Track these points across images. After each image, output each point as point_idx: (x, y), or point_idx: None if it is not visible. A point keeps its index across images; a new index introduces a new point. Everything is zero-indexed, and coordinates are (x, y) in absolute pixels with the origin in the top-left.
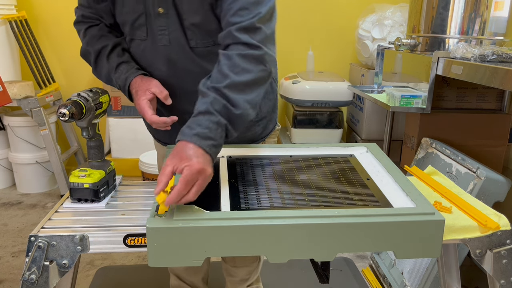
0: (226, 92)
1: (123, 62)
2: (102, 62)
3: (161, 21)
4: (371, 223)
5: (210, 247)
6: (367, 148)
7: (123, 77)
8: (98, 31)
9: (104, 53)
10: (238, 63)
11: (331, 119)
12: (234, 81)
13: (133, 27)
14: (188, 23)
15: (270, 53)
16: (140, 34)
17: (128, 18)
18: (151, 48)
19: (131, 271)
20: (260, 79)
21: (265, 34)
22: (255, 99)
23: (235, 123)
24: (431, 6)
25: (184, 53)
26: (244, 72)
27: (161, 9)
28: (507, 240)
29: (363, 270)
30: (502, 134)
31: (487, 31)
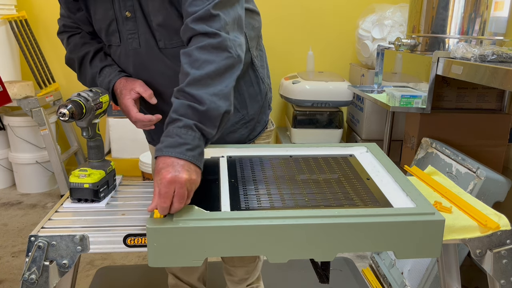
0: (188, 90)
1: (106, 66)
2: (86, 68)
3: (130, 25)
4: (371, 223)
5: (210, 247)
6: (367, 148)
7: (106, 80)
8: (80, 39)
9: (87, 59)
10: (198, 57)
11: (331, 119)
12: (194, 76)
13: (107, 34)
14: (155, 24)
15: (232, 38)
16: (115, 40)
17: (102, 25)
18: (125, 53)
19: (131, 271)
20: (225, 67)
21: (225, 20)
22: (224, 90)
23: (206, 119)
24: (431, 6)
25: (154, 55)
26: (206, 64)
27: (128, 13)
28: (507, 240)
29: (363, 270)
30: (502, 134)
31: (487, 31)
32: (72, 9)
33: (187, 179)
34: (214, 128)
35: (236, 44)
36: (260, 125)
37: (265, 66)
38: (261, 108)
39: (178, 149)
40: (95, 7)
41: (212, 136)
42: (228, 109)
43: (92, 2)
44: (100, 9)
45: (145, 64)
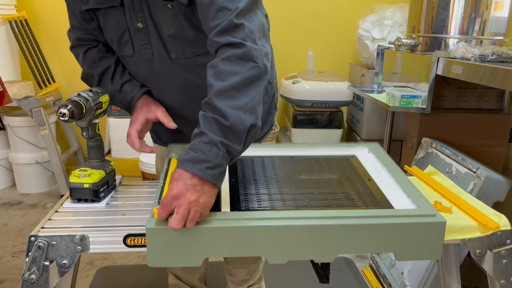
0: (213, 102)
1: (125, 82)
2: (106, 85)
3: (142, 36)
4: (372, 225)
5: (209, 248)
6: (369, 149)
7: (128, 97)
8: (98, 53)
9: (108, 75)
10: (223, 69)
11: (331, 119)
12: (219, 88)
13: (120, 44)
14: (166, 35)
15: (259, 47)
16: (127, 50)
17: (114, 36)
18: (138, 63)
19: (131, 271)
20: (251, 78)
21: (249, 29)
22: (250, 103)
23: (232, 134)
24: (431, 6)
25: (167, 66)
26: (231, 75)
27: (140, 24)
28: (507, 240)
29: (363, 270)
30: (502, 134)
31: (487, 31)
32: (86, 18)
33: (192, 201)
34: (240, 143)
35: (262, 53)
36: (267, 126)
37: (273, 66)
38: (268, 109)
39: (198, 165)
40: (105, 18)
41: (238, 153)
42: (254, 122)
43: (103, 13)
44: (112, 20)
45: (158, 75)
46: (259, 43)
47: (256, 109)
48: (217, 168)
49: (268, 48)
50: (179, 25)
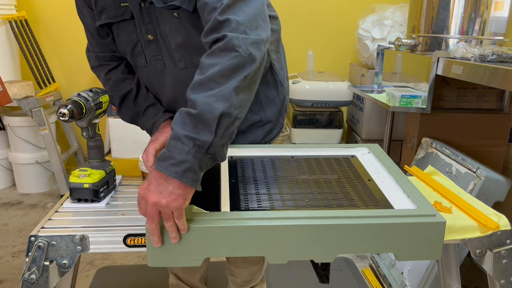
0: (188, 96)
1: (149, 105)
2: (128, 107)
3: (153, 47)
4: (372, 225)
5: (209, 247)
6: (369, 149)
7: (150, 121)
8: (121, 74)
9: (130, 98)
10: (204, 63)
11: (331, 119)
12: (196, 81)
13: (133, 56)
14: (174, 45)
15: (243, 36)
16: (140, 61)
17: (127, 48)
18: (152, 74)
19: (131, 271)
20: (232, 68)
21: (236, 21)
22: (224, 90)
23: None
24: (431, 6)
25: (176, 76)
26: (209, 67)
27: (150, 36)
28: (507, 240)
29: (363, 270)
30: (502, 134)
31: (487, 31)
32: (101, 34)
33: (154, 202)
34: (210, 134)
35: (248, 42)
36: (277, 128)
37: (284, 68)
38: (279, 111)
39: (163, 163)
40: (118, 31)
41: (208, 144)
42: (226, 111)
43: (116, 26)
44: (124, 32)
45: (169, 85)
46: (253, 33)
47: (230, 96)
48: (181, 165)
49: (262, 35)
50: (186, 33)
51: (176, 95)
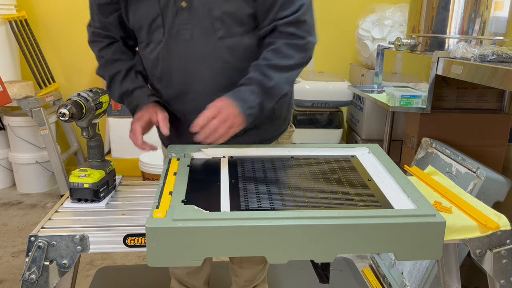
0: (264, 69)
1: (137, 87)
2: (115, 87)
3: (184, 15)
4: (372, 225)
5: (209, 247)
6: (369, 149)
7: (134, 103)
8: (112, 55)
9: (118, 79)
10: (282, 50)
11: (331, 119)
12: (274, 63)
13: (149, 31)
14: (219, 12)
15: (314, 41)
16: (158, 35)
17: (144, 23)
18: (169, 48)
19: (131, 271)
20: (299, 64)
21: (310, 24)
22: (290, 77)
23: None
24: (431, 6)
25: (209, 46)
26: (287, 58)
27: (184, 3)
28: (507, 240)
29: (363, 270)
30: (502, 134)
31: (487, 31)
32: (104, 12)
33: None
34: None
35: (313, 47)
36: (285, 124)
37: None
38: (288, 107)
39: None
40: (136, 6)
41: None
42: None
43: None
44: (143, 6)
45: (194, 57)
46: (315, 36)
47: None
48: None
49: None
50: (237, 3)
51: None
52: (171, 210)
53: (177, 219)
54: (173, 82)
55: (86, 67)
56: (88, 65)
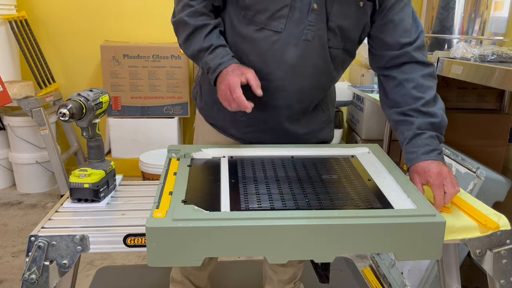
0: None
1: (221, 45)
2: (197, 39)
3: (313, 16)
4: (372, 225)
5: (209, 247)
6: (369, 149)
7: (217, 61)
8: (202, 8)
9: (204, 31)
10: (422, 83)
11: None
12: (426, 99)
13: (271, 17)
14: (334, 24)
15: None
16: (277, 25)
17: (270, 7)
18: (285, 42)
19: (131, 271)
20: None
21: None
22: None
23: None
24: (431, 6)
25: (321, 51)
26: (429, 89)
27: (316, 5)
28: (507, 240)
29: (363, 270)
30: (502, 134)
31: (487, 31)
32: None
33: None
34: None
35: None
36: (333, 128)
37: None
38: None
39: (432, 154)
40: None
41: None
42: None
43: None
44: None
45: (307, 56)
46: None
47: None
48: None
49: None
50: (354, 21)
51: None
52: (171, 210)
53: (177, 219)
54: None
55: (86, 67)
56: (87, 65)
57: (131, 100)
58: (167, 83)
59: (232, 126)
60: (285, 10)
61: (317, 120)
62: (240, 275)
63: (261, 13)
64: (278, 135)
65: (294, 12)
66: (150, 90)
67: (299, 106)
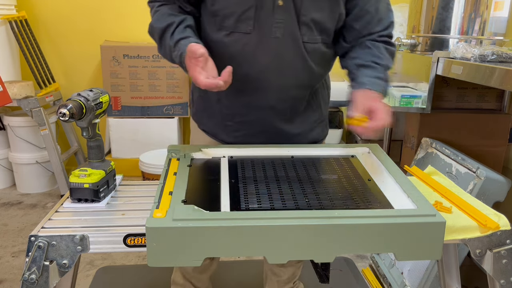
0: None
1: (181, 38)
2: (166, 40)
3: (279, 14)
4: (372, 225)
5: (209, 247)
6: (369, 149)
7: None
8: (168, 10)
9: (169, 31)
10: (384, 53)
11: (331, 119)
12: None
13: (238, 20)
14: (307, 18)
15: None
16: (245, 27)
17: (235, 10)
18: (256, 42)
19: (131, 271)
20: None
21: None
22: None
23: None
24: (431, 6)
25: (294, 47)
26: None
27: (281, 1)
28: (507, 240)
29: (363, 270)
30: (502, 134)
31: (487, 31)
32: None
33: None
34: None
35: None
36: (327, 127)
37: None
38: (328, 110)
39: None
40: None
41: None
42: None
43: None
44: None
45: (281, 54)
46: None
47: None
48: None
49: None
50: (327, 13)
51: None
52: (171, 210)
53: (177, 219)
54: (249, 76)
55: (86, 67)
56: (88, 65)
57: (131, 100)
58: (167, 83)
59: (222, 131)
60: (251, 11)
61: (309, 119)
62: (240, 275)
63: (228, 17)
64: (269, 137)
65: (260, 12)
66: (150, 90)
67: (283, 105)
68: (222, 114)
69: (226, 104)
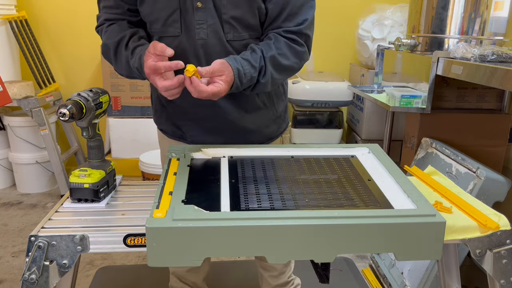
0: (267, 61)
1: (137, 46)
2: (121, 53)
3: (199, 15)
4: (372, 225)
5: (209, 247)
6: (369, 149)
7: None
8: (118, 27)
9: (123, 44)
10: (283, 48)
11: (331, 119)
12: (275, 57)
13: (165, 24)
14: (228, 17)
15: (308, 56)
16: (173, 30)
17: (161, 15)
18: (186, 44)
19: (131, 271)
20: (291, 69)
21: (310, 38)
22: (278, 81)
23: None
24: (431, 6)
25: (220, 47)
26: (284, 57)
27: (199, 3)
28: (507, 240)
29: (363, 270)
30: (502, 134)
31: (487, 31)
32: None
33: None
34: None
35: (306, 59)
36: (285, 122)
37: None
38: (285, 107)
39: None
40: None
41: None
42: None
43: None
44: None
45: (209, 55)
46: (310, 51)
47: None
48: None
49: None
50: (244, 8)
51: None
52: (171, 210)
53: (177, 219)
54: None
55: (86, 67)
56: (88, 65)
57: (131, 100)
58: None
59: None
60: (176, 14)
61: (263, 116)
62: (239, 275)
63: (155, 22)
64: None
65: (185, 15)
66: None
67: (226, 104)
68: (176, 113)
69: (178, 103)
